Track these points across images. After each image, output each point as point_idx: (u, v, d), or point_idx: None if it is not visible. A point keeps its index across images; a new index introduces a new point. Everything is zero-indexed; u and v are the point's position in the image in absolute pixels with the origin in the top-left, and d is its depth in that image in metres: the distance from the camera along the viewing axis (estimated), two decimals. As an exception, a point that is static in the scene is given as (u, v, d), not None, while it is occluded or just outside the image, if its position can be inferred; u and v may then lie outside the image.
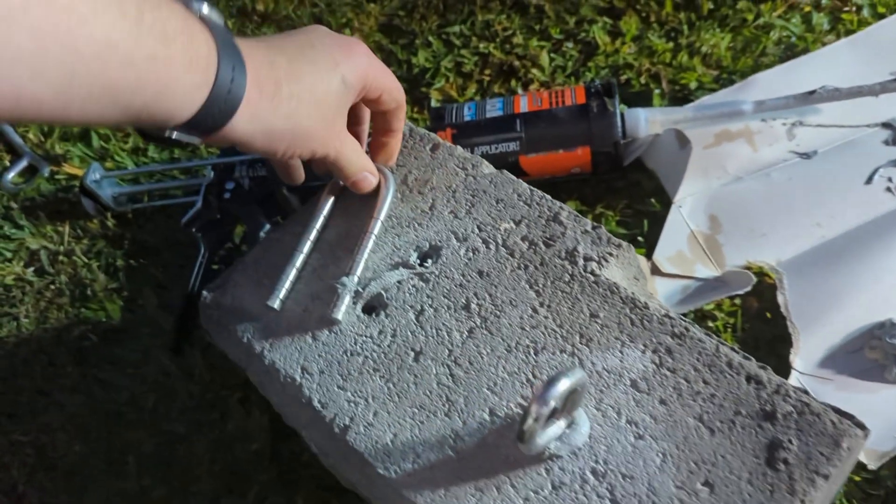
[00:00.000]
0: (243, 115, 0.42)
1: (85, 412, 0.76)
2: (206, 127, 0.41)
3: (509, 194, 0.58)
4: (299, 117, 0.45)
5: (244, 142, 0.44)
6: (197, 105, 0.39)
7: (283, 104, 0.44)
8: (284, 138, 0.46)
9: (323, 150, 0.49)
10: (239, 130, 0.42)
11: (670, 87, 0.82)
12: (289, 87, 0.44)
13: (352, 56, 0.48)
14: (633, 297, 0.49)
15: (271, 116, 0.44)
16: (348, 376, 0.51)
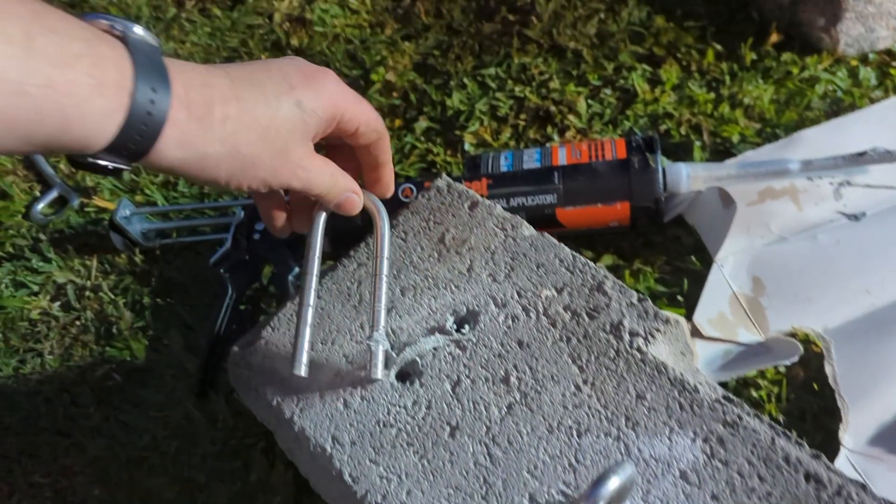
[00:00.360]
0: (170, 139, 0.38)
1: (106, 456, 0.74)
2: (128, 153, 0.38)
3: (550, 259, 0.56)
4: (238, 143, 0.41)
5: (176, 169, 0.40)
6: (112, 131, 0.36)
7: (215, 127, 0.40)
8: (221, 166, 0.41)
9: (277, 180, 0.44)
10: (168, 156, 0.39)
11: (711, 140, 0.80)
12: (223, 108, 0.40)
13: (314, 83, 0.44)
14: (681, 378, 0.47)
15: (202, 141, 0.40)
16: (381, 449, 0.49)
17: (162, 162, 0.39)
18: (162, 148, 0.38)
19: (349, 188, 0.50)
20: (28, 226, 0.91)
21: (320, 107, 0.44)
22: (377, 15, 1.01)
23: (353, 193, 0.50)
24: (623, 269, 0.73)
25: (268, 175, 0.44)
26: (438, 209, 0.62)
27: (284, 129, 0.43)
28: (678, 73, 0.86)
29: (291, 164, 0.44)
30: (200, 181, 0.42)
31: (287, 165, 0.44)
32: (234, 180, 0.43)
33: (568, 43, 0.91)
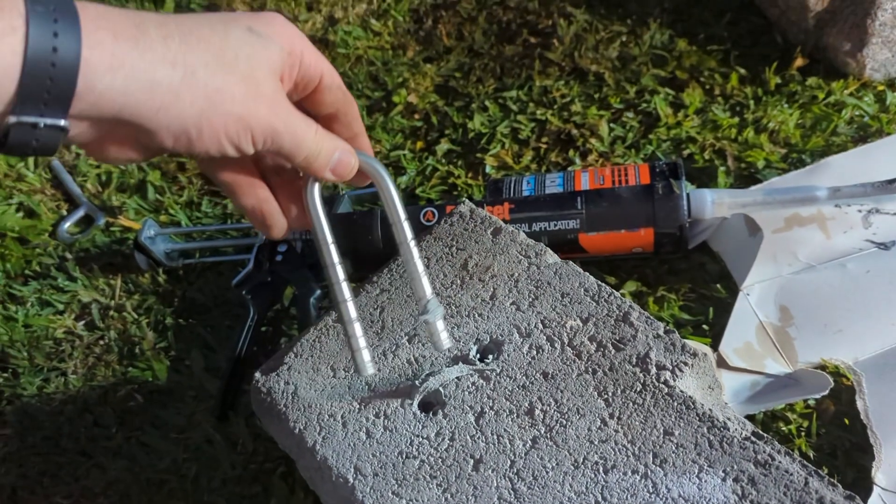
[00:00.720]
0: (98, 64, 0.32)
1: (127, 477, 0.74)
2: (50, 95, 0.31)
3: (575, 288, 0.56)
4: (191, 64, 0.34)
5: (125, 108, 0.33)
6: (15, 72, 0.30)
7: (156, 46, 0.33)
8: (183, 98, 0.34)
9: (256, 120, 0.36)
10: (105, 87, 0.32)
11: (736, 165, 0.79)
12: (160, 29, 0.34)
13: (261, 16, 0.38)
14: (710, 414, 0.46)
15: (143, 63, 0.33)
16: (403, 481, 0.49)
17: (102, 99, 0.32)
18: (92, 80, 0.32)
19: (338, 146, 0.41)
20: (55, 244, 0.92)
21: (276, 34, 0.38)
22: (399, 37, 1.02)
23: (346, 151, 0.42)
24: (647, 296, 0.73)
25: (243, 111, 0.36)
26: (461, 235, 0.62)
27: (243, 52, 0.36)
28: (701, 96, 0.85)
29: (267, 100, 0.37)
30: (166, 131, 0.34)
31: (263, 101, 0.37)
32: (205, 121, 0.35)
33: (590, 66, 0.91)
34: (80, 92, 0.32)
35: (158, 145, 0.35)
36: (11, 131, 0.32)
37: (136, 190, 0.95)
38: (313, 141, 0.40)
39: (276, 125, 0.37)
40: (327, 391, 0.55)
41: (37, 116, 0.32)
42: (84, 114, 0.33)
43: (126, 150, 0.37)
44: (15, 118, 0.31)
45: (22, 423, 0.79)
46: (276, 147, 0.38)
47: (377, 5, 1.02)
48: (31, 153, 0.33)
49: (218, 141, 0.36)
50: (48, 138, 0.33)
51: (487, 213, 0.63)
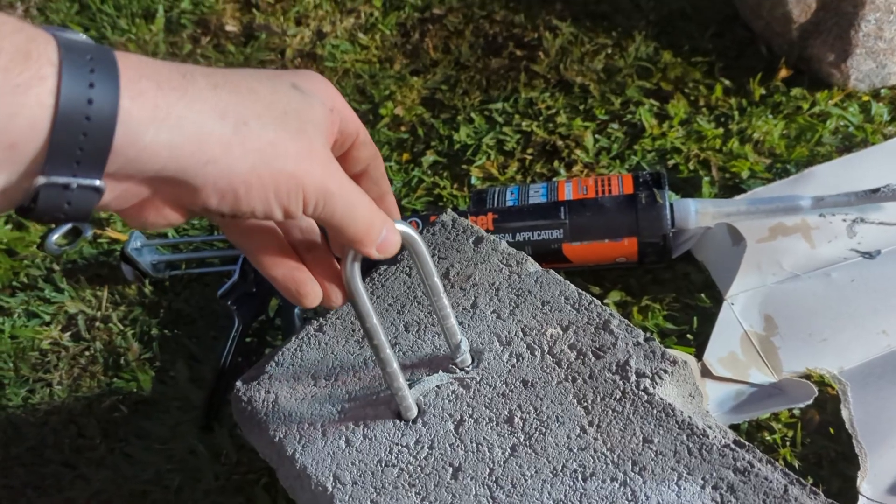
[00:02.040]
0: (140, 117, 0.29)
1: (111, 489, 0.74)
2: (84, 152, 0.28)
3: (556, 296, 0.56)
4: (243, 114, 0.31)
5: (169, 164, 0.30)
6: (44, 127, 0.27)
7: (204, 95, 0.31)
8: (233, 151, 0.31)
9: (311, 178, 0.33)
10: (147, 140, 0.29)
11: (720, 175, 0.80)
12: (207, 78, 0.31)
13: (301, 72, 0.37)
14: (690, 421, 0.46)
15: (190, 112, 0.30)
16: (382, 489, 0.49)
17: (144, 154, 0.29)
18: (132, 133, 0.28)
19: (386, 220, 0.39)
20: (42, 256, 0.92)
21: (317, 91, 0.36)
22: (386, 50, 1.03)
23: (391, 227, 0.39)
24: (631, 305, 0.73)
25: (296, 168, 0.32)
26: (443, 244, 0.62)
27: (292, 108, 0.33)
28: (686, 108, 0.86)
29: (321, 160, 0.34)
30: (212, 188, 0.31)
31: (316, 160, 0.34)
32: (256, 177, 0.31)
33: (575, 78, 0.91)
34: (119, 147, 0.28)
35: (202, 204, 0.32)
36: (41, 194, 0.28)
37: (124, 201, 0.95)
38: (367, 212, 0.37)
39: (330, 188, 0.34)
40: (307, 400, 0.55)
41: (69, 177, 0.28)
42: (122, 171, 0.29)
43: (165, 212, 0.33)
44: (44, 179, 0.28)
45: (6, 433, 0.79)
46: (328, 213, 0.35)
47: (365, 20, 1.03)
48: (62, 219, 0.29)
49: (266, 200, 0.32)
50: (81, 201, 0.29)
51: (470, 223, 0.63)
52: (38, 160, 0.28)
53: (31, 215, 0.29)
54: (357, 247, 0.38)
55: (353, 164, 0.40)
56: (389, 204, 0.43)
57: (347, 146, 0.38)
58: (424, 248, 0.44)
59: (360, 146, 0.39)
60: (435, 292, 0.47)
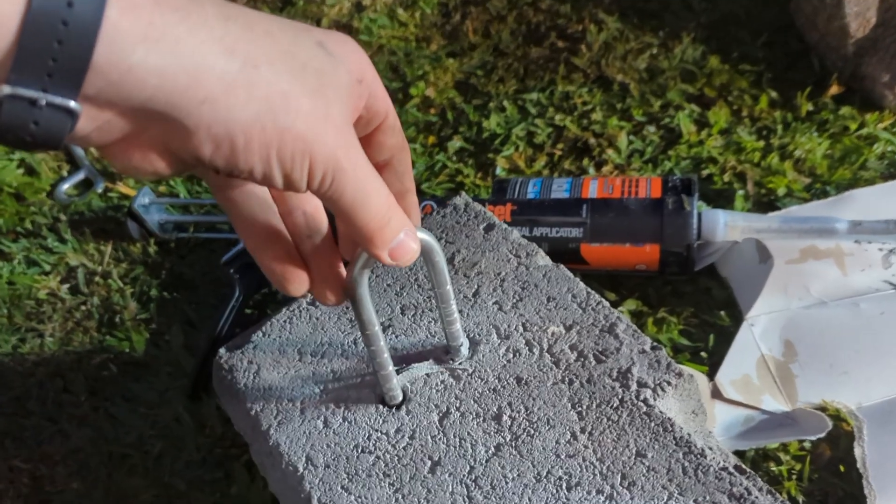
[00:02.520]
0: (130, 31, 0.24)
1: (90, 448, 0.72)
2: (57, 63, 0.24)
3: (563, 293, 0.52)
4: (253, 55, 0.27)
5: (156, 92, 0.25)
6: (11, 25, 0.23)
7: (210, 22, 0.26)
8: (237, 90, 0.26)
9: (321, 146, 0.28)
10: (134, 61, 0.24)
11: (756, 190, 0.75)
12: (218, 8, 0.27)
13: (333, 33, 0.31)
14: (688, 439, 0.43)
15: (190, 38, 0.25)
16: (355, 476, 0.46)
17: (129, 77, 0.25)
18: (118, 50, 0.24)
19: (405, 223, 0.33)
20: (50, 204, 0.91)
21: (347, 57, 0.30)
22: (425, 29, 1.00)
23: (411, 232, 0.34)
24: (646, 316, 0.69)
25: (306, 129, 0.27)
26: (452, 228, 0.59)
27: (312, 65, 0.28)
28: (728, 116, 0.81)
29: (336, 127, 0.29)
30: (205, 133, 0.27)
31: (330, 126, 0.28)
32: (258, 128, 0.27)
33: (616, 75, 0.87)
34: (99, 65, 0.24)
35: (193, 151, 0.27)
36: (4, 106, 0.24)
37: (140, 158, 0.94)
38: (383, 203, 0.31)
39: (341, 161, 0.29)
40: (290, 375, 0.52)
41: (37, 90, 0.24)
42: (103, 96, 0.25)
43: (151, 157, 0.28)
44: (9, 89, 0.24)
45: (-7, 380, 0.77)
46: (336, 193, 0.30)
47: (406, -4, 1.01)
48: (28, 142, 0.25)
49: (267, 158, 0.28)
50: (51, 123, 0.25)
51: (482, 208, 0.60)
52: (4, 66, 0.24)
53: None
54: (367, 245, 0.32)
55: (377, 150, 0.34)
56: (410, 204, 0.37)
57: (372, 127, 0.33)
58: (443, 259, 0.41)
59: (386, 130, 0.34)
60: (445, 300, 0.44)
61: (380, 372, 0.45)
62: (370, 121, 0.33)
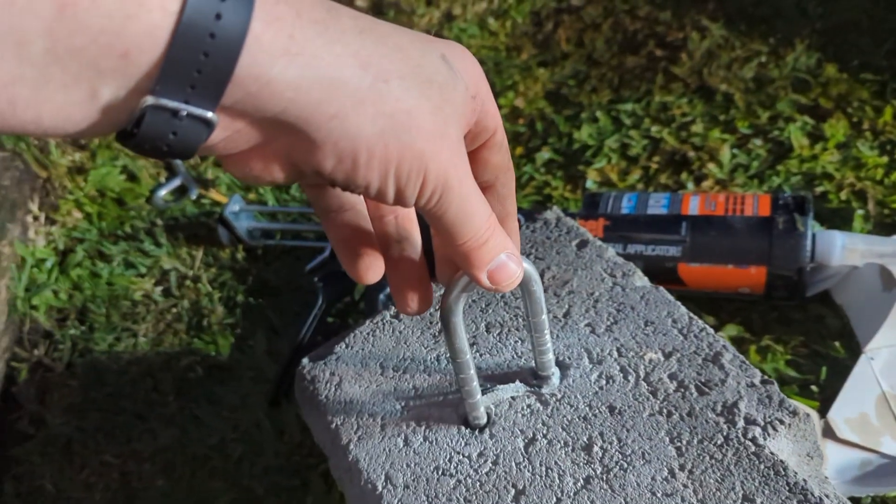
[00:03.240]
0: (272, 45, 0.24)
1: (175, 447, 0.73)
2: (202, 75, 0.24)
3: (662, 317, 0.49)
4: (385, 70, 0.27)
5: (289, 105, 0.25)
6: (162, 37, 0.23)
7: (347, 36, 0.26)
8: (365, 109, 0.26)
9: (439, 170, 0.28)
10: (272, 74, 0.25)
11: (878, 210, 0.69)
12: (354, 20, 0.27)
13: (457, 51, 0.31)
14: (804, 486, 0.38)
15: (328, 54, 0.25)
16: (435, 499, 0.44)
17: (266, 91, 0.25)
18: (258, 63, 0.24)
19: (507, 246, 0.33)
20: (148, 209, 0.94)
21: (465, 72, 0.30)
22: (516, 38, 0.98)
23: (513, 255, 0.33)
24: (749, 343, 0.64)
25: (426, 147, 0.28)
26: (543, 243, 0.56)
27: (436, 80, 0.28)
28: (846, 129, 0.75)
29: (450, 145, 0.29)
30: (332, 148, 0.27)
31: (446, 144, 0.28)
32: (381, 145, 0.27)
33: (719, 85, 0.82)
34: (240, 77, 0.24)
35: (315, 165, 0.27)
36: (146, 117, 0.24)
37: (233, 165, 0.96)
38: (485, 223, 0.31)
39: (451, 178, 0.29)
40: (371, 389, 0.51)
41: (180, 101, 0.24)
42: (238, 107, 0.25)
43: (273, 167, 0.28)
44: (153, 99, 0.24)
45: (88, 376, 0.80)
46: (441, 209, 0.30)
47: (497, 4, 0.99)
48: (164, 152, 0.25)
49: (385, 175, 0.28)
50: (189, 133, 0.25)
51: (575, 223, 0.57)
52: (150, 76, 0.24)
53: (131, 142, 0.25)
54: (465, 264, 0.32)
55: (482, 168, 0.34)
56: (511, 230, 0.36)
57: (480, 143, 0.33)
58: (541, 289, 0.39)
59: (493, 147, 0.33)
60: (539, 329, 0.42)
61: (468, 400, 0.43)
62: (478, 136, 0.32)
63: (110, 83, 0.24)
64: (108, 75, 0.23)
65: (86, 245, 0.91)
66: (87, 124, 0.24)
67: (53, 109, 0.24)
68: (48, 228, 0.93)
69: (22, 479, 0.75)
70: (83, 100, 0.24)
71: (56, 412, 0.78)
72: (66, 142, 0.99)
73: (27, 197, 0.94)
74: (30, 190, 0.95)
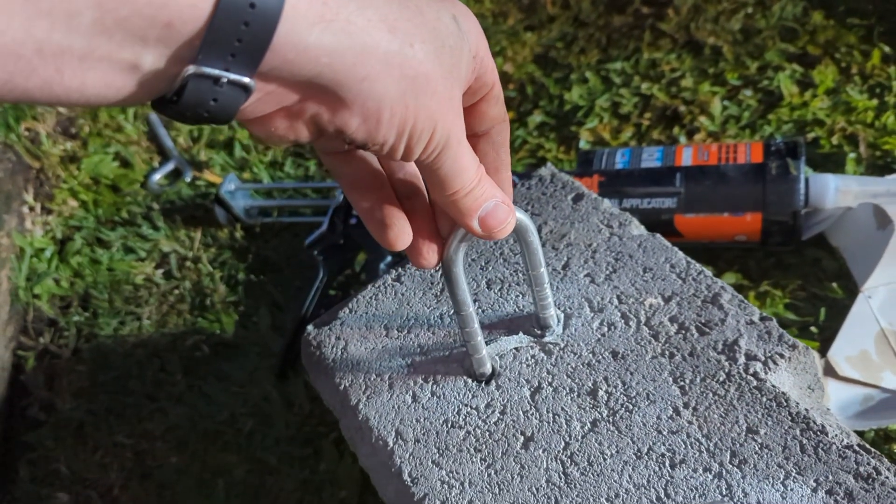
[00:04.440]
0: (307, 13, 0.25)
1: (186, 425, 0.74)
2: (242, 44, 0.25)
3: (660, 263, 0.49)
4: (412, 37, 0.28)
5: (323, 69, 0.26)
6: (205, 9, 0.24)
7: (377, 2, 0.27)
8: (391, 71, 0.28)
9: (444, 129, 0.30)
10: (308, 42, 0.26)
11: (869, 153, 0.70)
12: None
13: (463, 11, 0.32)
14: (806, 415, 0.39)
15: (361, 20, 0.27)
16: (446, 451, 0.44)
17: (302, 57, 0.26)
18: (294, 31, 0.25)
19: (496, 194, 0.35)
20: (144, 194, 0.94)
21: (471, 33, 0.31)
22: (501, 4, 0.97)
23: (502, 203, 0.35)
24: (748, 290, 0.65)
25: (437, 108, 0.29)
26: (538, 199, 0.56)
27: (449, 43, 0.30)
28: (835, 75, 0.75)
29: (455, 106, 0.31)
30: (360, 107, 0.28)
31: (452, 105, 0.30)
32: (402, 105, 0.28)
33: (707, 38, 0.83)
34: (278, 45, 0.25)
35: (340, 124, 0.29)
36: (189, 85, 0.25)
37: (224, 147, 0.96)
38: (474, 174, 0.33)
39: (451, 137, 0.31)
40: (377, 350, 0.51)
41: (221, 69, 0.25)
42: (274, 73, 0.26)
43: (297, 125, 0.29)
44: (195, 68, 0.25)
45: (96, 361, 0.81)
46: (437, 163, 0.32)
47: (482, -29, 0.98)
48: (205, 118, 0.26)
49: (401, 133, 0.29)
50: (229, 99, 0.26)
51: (570, 178, 0.57)
52: (192, 46, 0.25)
53: (170, 109, 0.26)
54: (457, 214, 0.34)
55: (480, 120, 0.35)
56: (504, 179, 0.37)
57: (478, 97, 0.34)
58: (537, 240, 0.41)
59: (491, 100, 0.34)
60: (539, 282, 0.43)
61: (474, 355, 0.44)
62: (478, 91, 0.34)
63: (153, 52, 0.24)
64: (151, 44, 0.24)
65: (84, 232, 0.91)
66: (129, 92, 0.25)
67: (97, 77, 0.24)
68: (45, 218, 0.93)
69: (37, 463, 0.76)
70: (126, 68, 0.24)
71: (66, 397, 0.79)
72: (56, 131, 0.99)
73: (21, 188, 0.94)
74: (23, 181, 0.95)
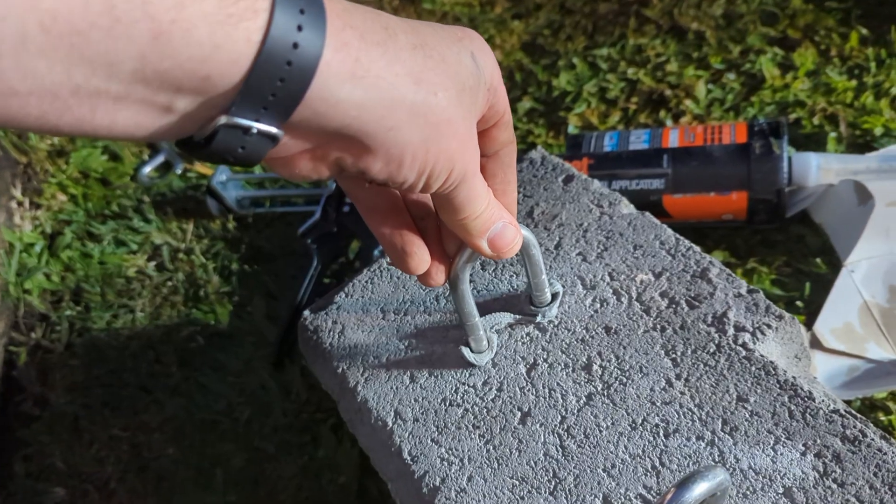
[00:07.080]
0: (340, 68, 0.26)
1: (182, 416, 0.74)
2: (276, 98, 0.26)
3: (650, 240, 0.50)
4: (434, 85, 0.29)
5: (351, 122, 0.27)
6: (244, 63, 0.25)
7: (403, 56, 0.28)
8: (416, 121, 0.29)
9: (461, 166, 0.32)
10: (339, 96, 0.26)
11: (849, 132, 0.71)
12: (407, 36, 0.29)
13: (480, 45, 0.33)
14: (793, 382, 0.40)
15: (389, 74, 0.27)
16: (444, 429, 0.45)
17: (333, 110, 0.27)
18: (327, 86, 0.26)
19: (504, 217, 0.36)
20: (134, 187, 0.94)
21: (487, 68, 0.32)
22: (488, -7, 0.98)
23: (510, 224, 0.36)
24: (736, 267, 0.66)
25: (457, 149, 0.31)
26: (530, 182, 0.57)
27: (468, 84, 0.31)
28: (815, 57, 0.77)
29: (472, 142, 0.32)
30: (384, 154, 0.29)
31: (470, 143, 0.32)
32: (422, 150, 0.29)
33: (690, 24, 0.84)
34: (310, 99, 0.26)
35: (363, 167, 0.29)
36: (219, 134, 0.26)
37: (216, 138, 0.96)
38: (483, 200, 0.35)
39: (468, 172, 0.32)
40: (374, 333, 0.52)
41: (252, 120, 0.26)
42: (303, 124, 0.27)
43: (319, 166, 0.30)
44: (227, 119, 0.26)
45: (89, 355, 0.81)
46: (453, 193, 0.33)
47: (467, -40, 0.99)
48: (231, 161, 0.27)
49: (421, 174, 0.30)
50: (256, 147, 0.27)
51: (560, 161, 0.58)
52: (227, 97, 0.25)
53: (198, 151, 0.27)
54: (466, 235, 0.36)
55: (490, 143, 0.36)
56: (510, 198, 0.39)
57: (490, 124, 0.35)
58: (539, 252, 0.43)
59: (502, 126, 0.36)
60: (539, 288, 0.46)
61: (471, 334, 0.45)
62: (490, 118, 0.35)
63: (187, 98, 0.25)
64: (187, 93, 0.25)
65: (74, 227, 0.91)
66: (155, 130, 0.26)
67: (128, 117, 0.25)
68: (34, 213, 0.93)
69: (32, 459, 0.76)
70: (158, 111, 0.25)
71: (59, 392, 0.79)
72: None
73: (9, 183, 0.94)
74: (11, 176, 0.95)
